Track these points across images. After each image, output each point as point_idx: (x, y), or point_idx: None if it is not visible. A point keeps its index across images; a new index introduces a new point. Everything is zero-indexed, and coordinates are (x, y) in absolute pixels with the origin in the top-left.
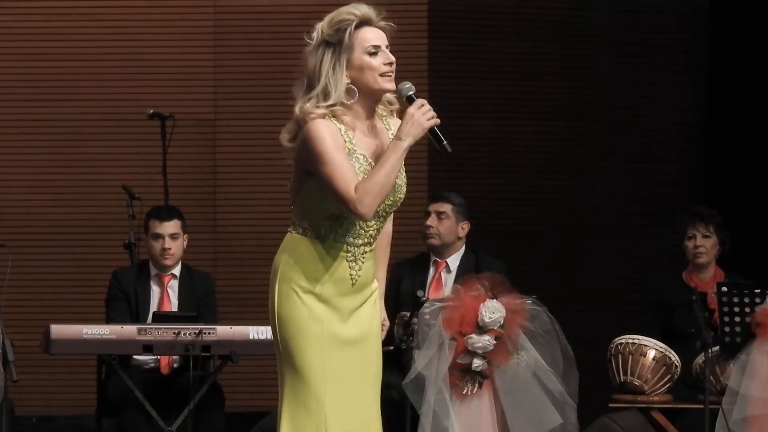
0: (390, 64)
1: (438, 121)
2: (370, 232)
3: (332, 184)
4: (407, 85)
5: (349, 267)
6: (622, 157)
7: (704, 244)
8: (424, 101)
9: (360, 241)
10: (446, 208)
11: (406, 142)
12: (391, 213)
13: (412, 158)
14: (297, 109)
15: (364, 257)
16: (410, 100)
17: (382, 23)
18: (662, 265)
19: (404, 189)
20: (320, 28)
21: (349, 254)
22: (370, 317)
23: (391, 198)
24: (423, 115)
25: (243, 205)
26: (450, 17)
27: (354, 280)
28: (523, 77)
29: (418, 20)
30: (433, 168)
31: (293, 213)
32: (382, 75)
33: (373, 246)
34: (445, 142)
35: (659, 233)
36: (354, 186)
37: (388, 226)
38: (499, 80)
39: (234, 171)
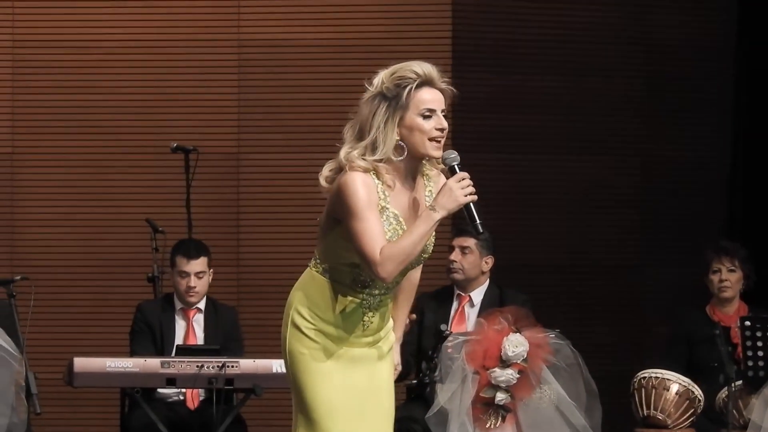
0: (441, 130)
1: (475, 198)
2: (389, 285)
3: (359, 242)
4: (452, 155)
5: (363, 314)
6: (648, 191)
7: (729, 278)
8: (466, 175)
9: (377, 291)
10: (470, 242)
11: (439, 214)
12: (420, 263)
13: None
14: (342, 153)
15: (380, 305)
16: (452, 171)
17: (443, 85)
18: (687, 298)
19: (431, 249)
20: (381, 77)
21: (365, 302)
22: (383, 352)
23: (425, 254)
24: (461, 190)
25: (266, 238)
26: (474, 52)
27: (366, 326)
28: (548, 112)
29: (443, 54)
30: None
31: (317, 249)
32: (431, 140)
33: (391, 294)
34: (477, 222)
35: (684, 267)
36: (380, 249)
37: (416, 274)
38: (523, 115)
39: (257, 204)
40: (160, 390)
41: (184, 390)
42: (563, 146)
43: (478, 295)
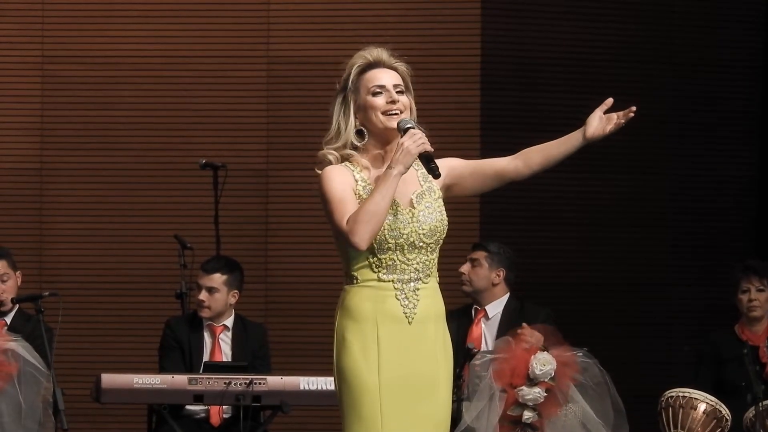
0: (392, 102)
1: (429, 148)
2: (414, 266)
3: (330, 219)
4: (405, 119)
5: (401, 305)
6: (673, 209)
7: (758, 297)
8: (417, 131)
9: (406, 277)
10: (479, 255)
11: (396, 170)
12: (433, 244)
13: (463, 209)
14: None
15: (417, 294)
16: (405, 132)
17: (397, 64)
18: (713, 318)
19: (436, 218)
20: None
21: (398, 291)
22: (438, 363)
23: (426, 226)
24: (413, 143)
25: (294, 256)
26: (503, 69)
27: (410, 319)
28: (573, 130)
29: (472, 72)
30: (484, 220)
31: (343, 266)
32: (384, 113)
33: (429, 282)
34: (433, 165)
35: (710, 286)
36: (347, 218)
37: (502, 164)
38: (552, 133)
39: (286, 221)
40: (187, 407)
41: (208, 406)
42: (589, 164)
43: (493, 308)
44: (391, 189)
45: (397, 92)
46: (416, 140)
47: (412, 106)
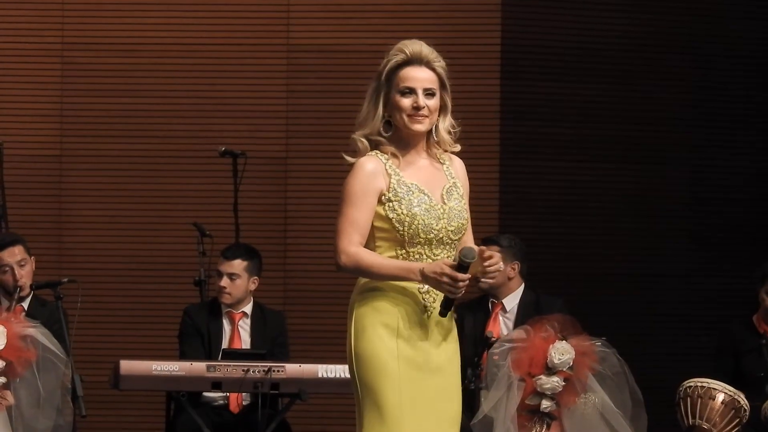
0: (417, 108)
1: (457, 296)
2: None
3: (338, 224)
4: (470, 253)
5: (422, 298)
6: (695, 200)
7: None
8: (467, 278)
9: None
10: (492, 250)
11: (419, 278)
12: (457, 241)
13: (482, 201)
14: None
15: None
16: (460, 267)
17: (436, 63)
18: (731, 309)
19: (462, 216)
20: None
21: (421, 285)
22: (449, 356)
23: (455, 223)
24: (449, 287)
25: (313, 244)
26: (523, 58)
27: (429, 312)
28: (595, 119)
29: (491, 62)
30: (504, 211)
31: None
32: (409, 116)
33: None
34: (443, 309)
35: (728, 277)
36: (356, 241)
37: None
38: (571, 122)
39: (305, 209)
40: (205, 394)
41: (227, 393)
42: (609, 154)
43: (510, 301)
44: (397, 278)
45: (426, 95)
46: (455, 290)
47: (447, 103)
